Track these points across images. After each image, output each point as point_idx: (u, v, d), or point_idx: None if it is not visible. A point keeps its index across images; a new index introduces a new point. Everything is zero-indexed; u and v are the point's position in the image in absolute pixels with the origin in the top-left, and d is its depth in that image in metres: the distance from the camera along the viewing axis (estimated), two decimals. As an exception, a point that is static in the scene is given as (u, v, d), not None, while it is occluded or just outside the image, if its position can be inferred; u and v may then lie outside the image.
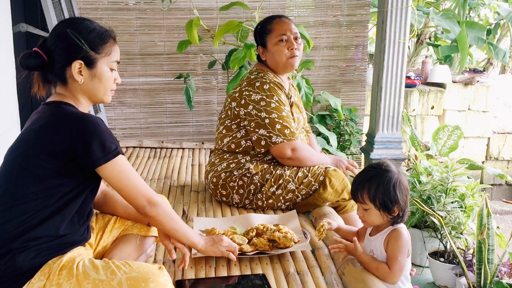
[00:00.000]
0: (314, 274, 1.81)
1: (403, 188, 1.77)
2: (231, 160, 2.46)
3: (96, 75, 1.55)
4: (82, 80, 1.53)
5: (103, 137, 1.46)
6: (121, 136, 4.20)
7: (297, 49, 2.44)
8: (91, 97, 1.59)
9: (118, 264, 1.39)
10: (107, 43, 1.56)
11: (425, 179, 3.13)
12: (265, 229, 2.03)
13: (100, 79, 1.56)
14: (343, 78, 4.40)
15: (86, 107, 1.59)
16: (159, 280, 1.35)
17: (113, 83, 1.61)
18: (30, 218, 1.40)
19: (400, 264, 1.70)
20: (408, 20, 3.39)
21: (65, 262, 1.40)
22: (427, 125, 4.99)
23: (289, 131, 2.37)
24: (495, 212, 4.51)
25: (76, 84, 1.54)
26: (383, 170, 1.77)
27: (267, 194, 2.40)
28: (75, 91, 1.55)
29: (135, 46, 4.09)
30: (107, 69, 1.57)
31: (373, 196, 1.75)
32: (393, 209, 1.75)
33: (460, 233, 2.86)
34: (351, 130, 4.28)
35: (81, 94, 1.56)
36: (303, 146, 2.43)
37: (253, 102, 2.39)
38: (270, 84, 2.41)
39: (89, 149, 1.43)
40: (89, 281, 1.35)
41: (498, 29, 6.23)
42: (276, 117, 2.37)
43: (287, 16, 2.58)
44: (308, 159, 2.43)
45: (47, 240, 1.42)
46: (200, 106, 4.21)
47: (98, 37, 1.55)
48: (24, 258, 1.38)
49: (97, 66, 1.55)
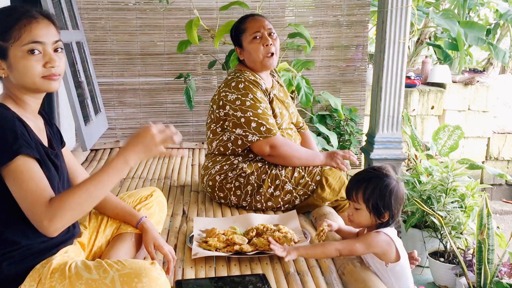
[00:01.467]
0: (314, 274, 1.81)
1: (398, 196, 1.76)
2: (224, 162, 2.46)
3: (13, 65, 1.37)
4: (4, 74, 1.39)
5: (2, 134, 1.30)
6: (121, 136, 4.20)
7: (272, 44, 2.43)
8: (24, 88, 1.41)
9: (111, 262, 1.38)
10: (15, 26, 1.35)
11: (425, 179, 3.13)
12: (265, 229, 2.04)
13: (17, 68, 1.36)
14: (343, 78, 4.39)
15: (29, 100, 1.44)
16: (152, 274, 1.34)
17: (43, 67, 1.38)
18: (2, 227, 1.37)
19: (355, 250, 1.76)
20: (408, 20, 3.39)
21: (56, 265, 1.38)
22: (427, 125, 4.99)
23: (265, 128, 2.35)
24: (495, 212, 4.51)
25: (5, 79, 1.41)
26: (383, 174, 1.78)
27: (266, 196, 2.40)
28: (10, 86, 1.42)
29: (135, 46, 4.08)
30: (21, 55, 1.35)
31: (367, 198, 1.75)
32: (383, 214, 1.76)
33: (460, 233, 2.85)
34: (351, 130, 4.28)
35: (16, 88, 1.41)
36: (283, 142, 2.39)
37: (229, 102, 2.39)
38: (245, 82, 2.40)
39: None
40: (82, 281, 1.33)
41: (498, 29, 6.23)
42: (251, 115, 2.35)
43: (260, 14, 2.58)
44: (293, 156, 2.40)
45: (26, 244, 1.39)
46: (200, 106, 4.21)
47: (3, 23, 1.36)
48: (9, 265, 1.36)
49: (9, 55, 1.36)
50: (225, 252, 1.91)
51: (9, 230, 1.38)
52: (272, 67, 2.49)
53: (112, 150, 3.74)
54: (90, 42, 3.95)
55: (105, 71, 4.09)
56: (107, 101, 4.08)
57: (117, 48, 4.07)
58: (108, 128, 4.03)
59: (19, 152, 1.31)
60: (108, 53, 4.07)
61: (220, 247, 1.92)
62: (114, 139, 4.07)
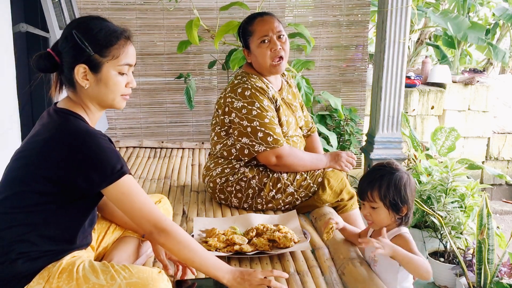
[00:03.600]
0: (314, 274, 1.81)
1: (412, 188, 1.76)
2: (226, 165, 2.44)
3: (102, 80, 1.44)
4: (87, 85, 1.44)
5: (105, 157, 1.38)
6: (121, 136, 4.20)
7: (281, 49, 2.34)
8: (100, 103, 1.49)
9: (118, 268, 1.38)
10: (114, 45, 1.45)
11: (425, 179, 3.13)
12: (265, 229, 2.03)
13: (106, 84, 1.45)
14: (343, 78, 4.40)
15: (96, 113, 1.52)
16: (159, 285, 1.34)
17: (125, 87, 1.49)
18: (30, 227, 1.39)
19: (425, 261, 1.70)
20: (408, 20, 3.39)
21: (65, 265, 1.39)
22: (427, 125, 4.99)
23: (272, 138, 2.30)
24: (495, 212, 4.51)
25: (83, 89, 1.45)
26: (393, 169, 1.76)
27: (267, 198, 2.39)
28: (83, 96, 1.47)
29: (135, 46, 4.01)
30: (115, 73, 1.45)
31: (383, 195, 1.73)
32: (402, 208, 1.74)
33: (460, 233, 2.85)
34: (351, 130, 4.28)
35: (89, 99, 1.47)
36: (289, 152, 2.34)
37: (236, 110, 2.34)
38: (252, 90, 2.33)
39: (89, 172, 1.37)
40: (88, 285, 1.34)
41: (498, 29, 6.22)
42: (258, 125, 2.30)
43: (269, 13, 2.47)
44: (298, 165, 2.36)
45: (47, 246, 1.41)
46: (200, 106, 4.21)
47: (104, 39, 1.44)
48: (24, 262, 1.37)
49: (102, 70, 1.43)
50: (225, 252, 1.91)
51: (34, 234, 1.40)
52: (280, 72, 2.43)
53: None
54: (90, 42, 3.94)
55: (105, 71, 4.08)
56: (107, 101, 4.08)
57: (117, 48, 4.06)
58: (108, 128, 4.03)
59: (124, 172, 1.40)
60: (108, 53, 4.06)
61: (220, 247, 1.92)
62: (114, 139, 4.07)
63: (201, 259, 1.50)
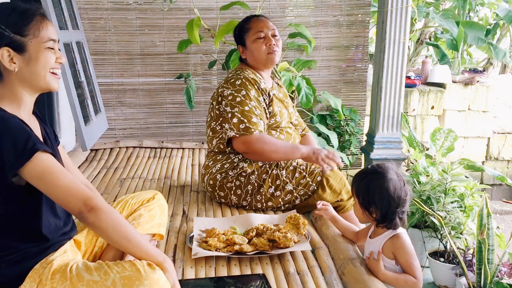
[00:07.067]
0: (314, 274, 1.81)
1: (385, 194, 1.76)
2: (225, 161, 2.47)
3: (32, 58, 1.40)
4: (16, 68, 1.39)
5: (13, 136, 1.31)
6: (121, 136, 4.20)
7: (275, 45, 2.46)
8: (33, 85, 1.43)
9: (111, 264, 1.38)
10: (32, 22, 1.40)
11: (424, 180, 3.13)
12: (265, 229, 2.04)
13: (37, 60, 1.40)
14: (344, 78, 4.39)
15: (29, 100, 1.46)
16: (153, 277, 1.35)
17: (55, 62, 1.45)
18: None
19: (418, 268, 1.72)
20: (408, 20, 3.40)
21: (57, 267, 1.39)
22: (427, 125, 4.99)
23: (244, 126, 2.33)
24: (495, 212, 4.51)
25: (12, 75, 1.40)
26: (376, 171, 1.81)
27: (266, 196, 2.40)
28: (13, 84, 1.41)
29: (135, 46, 4.08)
30: (43, 49, 1.41)
31: (356, 192, 1.84)
32: (370, 209, 1.79)
33: (460, 233, 2.85)
34: (351, 130, 4.28)
35: (21, 85, 1.42)
36: (258, 139, 2.32)
37: (225, 98, 2.42)
38: (243, 79, 2.42)
39: (1, 155, 1.29)
40: (83, 283, 1.34)
41: (498, 29, 6.22)
42: (237, 111, 2.36)
43: (265, 15, 2.62)
44: (269, 151, 2.33)
45: (21, 246, 1.40)
46: (200, 106, 4.21)
47: (20, 18, 1.39)
48: (8, 267, 1.37)
49: (28, 49, 1.39)
50: (225, 252, 1.91)
51: (5, 236, 1.39)
52: (274, 63, 2.50)
53: (112, 150, 3.74)
54: (90, 42, 3.95)
55: (105, 71, 4.09)
56: (107, 101, 4.08)
57: (117, 48, 4.07)
58: (108, 128, 4.03)
59: (35, 150, 1.32)
60: (108, 53, 4.07)
61: (220, 247, 1.92)
62: (114, 139, 4.07)
63: (134, 243, 1.41)
